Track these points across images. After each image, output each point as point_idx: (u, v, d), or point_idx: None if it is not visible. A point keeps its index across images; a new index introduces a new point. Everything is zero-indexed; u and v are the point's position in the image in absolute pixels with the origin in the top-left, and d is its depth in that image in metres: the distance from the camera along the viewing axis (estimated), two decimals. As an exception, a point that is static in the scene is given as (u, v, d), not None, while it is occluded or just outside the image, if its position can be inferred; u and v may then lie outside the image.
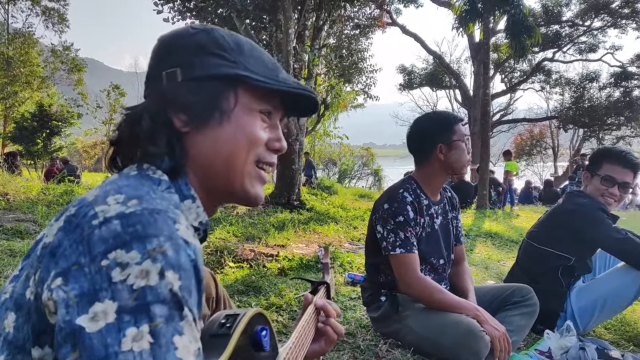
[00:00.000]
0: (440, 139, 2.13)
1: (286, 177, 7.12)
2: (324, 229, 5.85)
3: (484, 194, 9.63)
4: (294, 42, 7.15)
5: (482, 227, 6.69)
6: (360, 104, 16.12)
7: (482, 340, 1.85)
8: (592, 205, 2.45)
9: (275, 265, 3.71)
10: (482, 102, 11.11)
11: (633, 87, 21.23)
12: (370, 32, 12.09)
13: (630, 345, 2.48)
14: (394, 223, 2.07)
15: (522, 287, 2.27)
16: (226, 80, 0.76)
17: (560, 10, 20.85)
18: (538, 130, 29.12)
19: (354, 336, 2.25)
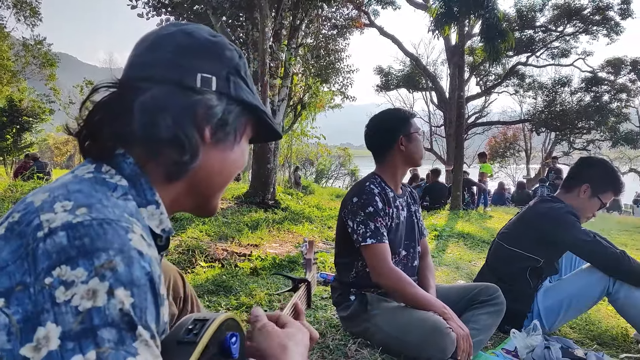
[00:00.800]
0: (401, 131, 2.20)
1: (261, 176, 7.08)
2: (299, 228, 5.84)
3: (457, 194, 9.75)
4: (271, 41, 7.12)
5: (454, 228, 6.77)
6: (338, 104, 16.16)
7: (448, 337, 1.87)
8: (562, 209, 2.49)
9: (247, 265, 3.69)
10: (457, 105, 11.25)
11: (603, 92, 21.76)
12: (347, 32, 12.13)
13: (594, 344, 2.54)
14: (363, 214, 2.09)
15: (489, 286, 2.30)
16: (248, 107, 0.79)
17: (534, 16, 21.23)
18: (511, 133, 29.65)
19: (323, 336, 2.25)
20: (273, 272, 3.34)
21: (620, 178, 2.64)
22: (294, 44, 7.77)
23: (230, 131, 0.77)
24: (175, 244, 4.18)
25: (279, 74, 7.42)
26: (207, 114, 0.73)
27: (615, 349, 2.49)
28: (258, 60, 6.73)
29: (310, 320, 2.46)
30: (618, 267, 2.37)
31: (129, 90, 0.71)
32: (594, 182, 2.52)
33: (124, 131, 0.69)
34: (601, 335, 2.65)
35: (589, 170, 2.57)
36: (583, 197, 2.53)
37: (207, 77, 0.74)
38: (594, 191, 2.52)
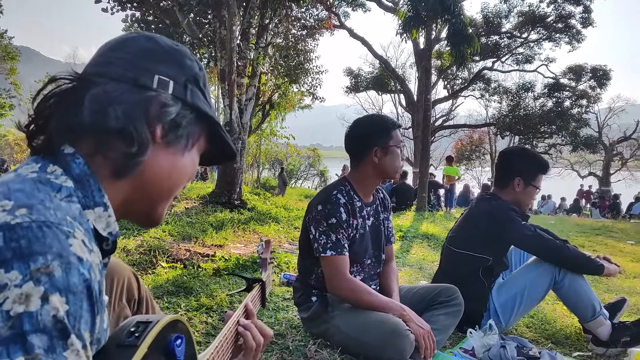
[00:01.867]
0: (377, 142, 2.16)
1: (227, 176, 7.00)
2: (265, 229, 5.81)
3: (423, 196, 9.88)
4: (238, 39, 7.06)
5: (419, 229, 6.86)
6: (308, 104, 16.17)
7: (407, 339, 1.89)
8: (503, 206, 2.56)
9: (210, 266, 3.64)
10: (423, 108, 11.41)
11: (564, 98, 22.44)
12: (317, 33, 12.14)
13: (548, 343, 2.60)
14: (326, 225, 2.08)
15: (448, 287, 2.34)
16: (203, 117, 0.80)
17: (499, 22, 21.74)
18: (477, 136, 30.27)
19: (283, 337, 2.24)
20: (227, 273, 3.30)
21: (543, 158, 2.74)
22: (262, 43, 7.72)
23: (182, 135, 0.77)
24: (136, 244, 4.09)
25: (247, 73, 7.35)
26: (160, 113, 0.73)
27: (568, 347, 2.56)
28: (225, 58, 6.66)
29: (271, 321, 2.44)
30: (561, 256, 2.45)
31: (83, 84, 0.70)
32: (523, 173, 2.60)
33: (72, 122, 0.68)
34: (555, 334, 2.72)
35: (515, 163, 2.65)
36: (519, 190, 2.61)
37: (165, 79, 0.74)
38: (526, 181, 2.60)
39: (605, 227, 9.87)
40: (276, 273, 3.56)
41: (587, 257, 2.50)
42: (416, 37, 10.79)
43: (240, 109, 7.12)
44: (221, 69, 6.78)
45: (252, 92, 7.48)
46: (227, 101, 6.77)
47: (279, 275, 3.47)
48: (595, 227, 10.00)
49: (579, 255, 2.48)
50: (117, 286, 1.13)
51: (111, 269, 1.12)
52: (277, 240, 5.28)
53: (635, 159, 30.40)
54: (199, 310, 2.54)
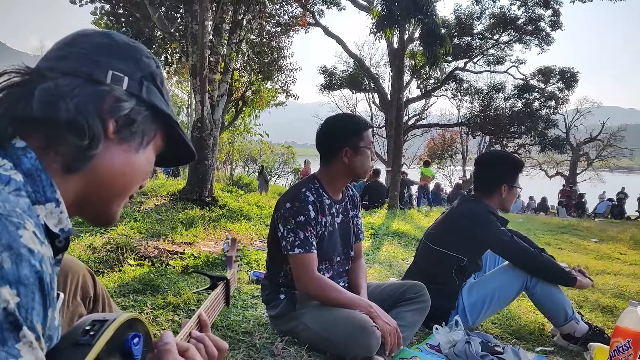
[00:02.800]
0: (347, 143, 2.16)
1: (198, 172, 6.91)
2: (236, 226, 5.76)
3: (395, 194, 9.96)
4: (211, 35, 6.98)
5: (391, 227, 6.92)
6: (282, 102, 16.09)
7: (373, 335, 1.90)
8: (483, 209, 2.63)
9: (179, 263, 3.59)
10: (396, 107, 11.50)
11: (533, 99, 22.96)
12: (291, 30, 12.10)
13: (512, 339, 2.66)
14: (294, 222, 2.07)
15: (415, 284, 2.36)
16: (159, 115, 0.79)
17: (472, 23, 22.07)
18: (449, 136, 30.66)
19: (251, 334, 2.23)
20: (192, 271, 3.27)
21: (518, 158, 2.87)
22: (235, 39, 7.64)
23: (137, 132, 0.76)
24: (103, 241, 4.01)
25: (219, 69, 7.27)
26: (113, 107, 0.72)
27: (532, 342, 2.63)
28: (197, 54, 6.56)
29: (238, 319, 2.42)
30: (534, 265, 2.52)
31: (35, 77, 0.69)
32: (507, 178, 2.68)
33: (21, 115, 0.66)
34: (520, 330, 2.78)
35: (499, 170, 2.72)
36: (504, 195, 2.69)
37: (119, 75, 0.74)
38: (510, 185, 2.68)
39: (570, 226, 10.14)
40: (245, 271, 3.54)
41: (560, 268, 2.56)
42: (389, 36, 10.85)
43: (212, 105, 7.04)
44: (192, 64, 6.69)
45: (224, 89, 7.41)
46: (199, 97, 6.68)
47: (249, 273, 3.45)
48: (561, 225, 10.27)
49: (552, 266, 2.54)
50: (71, 284, 1.10)
51: (65, 266, 1.09)
52: (248, 238, 5.25)
53: (601, 159, 31.32)
54: (166, 309, 2.50)
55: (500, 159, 2.82)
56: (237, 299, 2.80)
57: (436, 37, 9.46)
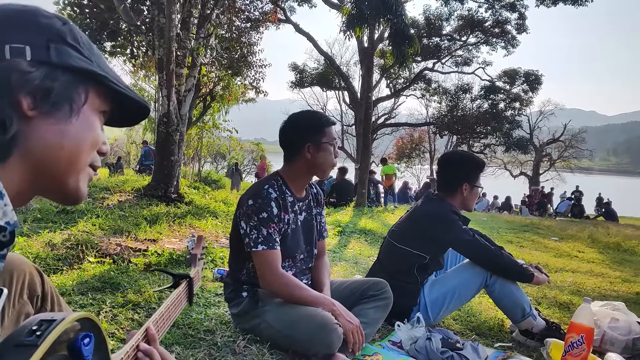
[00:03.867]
0: (309, 139, 2.16)
1: (164, 168, 6.79)
2: (202, 223, 5.69)
3: (362, 192, 10.03)
4: (178, 28, 6.86)
5: (357, 224, 6.96)
6: (252, 98, 15.96)
7: (335, 332, 1.91)
8: (446, 209, 2.68)
9: (142, 261, 3.53)
10: (365, 105, 11.57)
11: (499, 100, 23.50)
12: (261, 26, 12.00)
13: (473, 335, 2.71)
14: (257, 219, 2.06)
15: (378, 281, 2.38)
16: (81, 74, 0.72)
17: (441, 25, 22.39)
18: (418, 135, 31.03)
19: (212, 333, 2.20)
20: (154, 269, 3.21)
21: (479, 158, 2.90)
22: (203, 33, 7.52)
23: (59, 101, 0.70)
24: (63, 238, 3.90)
25: (187, 64, 7.16)
26: (20, 81, 0.66)
27: (491, 338, 2.68)
28: (164, 47, 6.44)
29: (200, 317, 2.39)
30: (493, 263, 2.58)
31: None
32: (468, 177, 2.74)
33: None
34: (480, 326, 2.84)
35: (460, 170, 2.77)
36: (466, 194, 2.73)
37: (19, 47, 0.67)
38: (471, 184, 2.74)
39: (532, 224, 10.42)
40: (210, 268, 3.50)
41: (518, 265, 2.63)
42: (359, 35, 10.91)
43: (179, 100, 6.93)
44: (159, 58, 6.56)
45: (191, 83, 7.29)
46: (165, 92, 6.56)
47: (213, 270, 3.41)
48: (523, 224, 10.53)
49: (510, 263, 2.60)
50: (17, 282, 1.06)
51: (9, 264, 1.05)
52: (214, 235, 5.19)
53: (562, 160, 32.28)
54: (125, 307, 2.45)
55: (462, 159, 2.87)
56: (200, 297, 2.77)
57: (405, 37, 9.55)
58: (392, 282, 2.42)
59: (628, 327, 2.67)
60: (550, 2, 18.16)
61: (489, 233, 7.56)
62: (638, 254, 7.34)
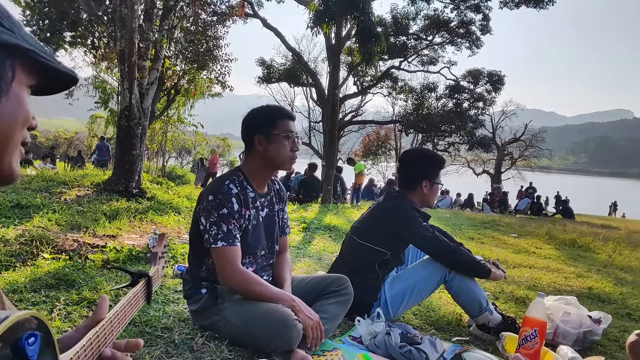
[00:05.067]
0: (259, 130, 2.15)
1: (126, 162, 6.62)
2: (164, 219, 5.59)
3: (329, 189, 10.05)
4: (141, 20, 6.70)
5: (323, 221, 6.97)
6: (218, 93, 15.74)
7: (295, 329, 1.91)
8: (407, 206, 2.72)
9: (99, 257, 3.44)
10: (331, 102, 11.59)
11: (463, 99, 23.93)
12: (228, 20, 11.83)
13: (431, 329, 2.76)
14: (217, 215, 2.03)
15: (339, 277, 2.39)
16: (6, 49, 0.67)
17: (407, 24, 22.59)
18: (384, 133, 31.29)
19: (170, 330, 2.17)
20: (112, 267, 3.13)
21: (439, 155, 2.97)
22: (167, 26, 7.37)
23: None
24: (17, 233, 3.76)
25: (149, 56, 7.00)
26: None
27: (449, 333, 2.74)
28: (126, 39, 6.27)
29: (159, 314, 2.35)
30: (452, 259, 2.63)
31: None
32: (428, 175, 2.78)
33: None
34: (438, 321, 2.89)
35: (420, 167, 2.82)
36: (426, 191, 2.77)
37: None
38: (431, 181, 2.78)
39: (493, 221, 10.68)
40: (170, 265, 3.45)
41: (476, 261, 2.69)
42: (327, 32, 10.91)
43: (142, 93, 6.77)
44: (121, 49, 6.38)
45: (154, 76, 7.13)
46: (127, 84, 6.40)
47: (173, 267, 3.36)
48: (484, 221, 10.79)
49: (468, 260, 2.66)
50: None
51: None
52: (177, 231, 5.11)
53: (523, 159, 33.17)
54: (80, 304, 2.38)
55: (422, 156, 2.92)
56: (159, 293, 2.72)
57: (371, 35, 9.61)
58: (353, 277, 2.44)
59: (579, 320, 2.77)
60: (513, 4, 18.58)
61: (451, 230, 7.73)
62: (592, 251, 7.63)
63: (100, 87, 12.56)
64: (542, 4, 17.91)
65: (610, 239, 8.69)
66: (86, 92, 12.59)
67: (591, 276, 5.09)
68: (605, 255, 7.21)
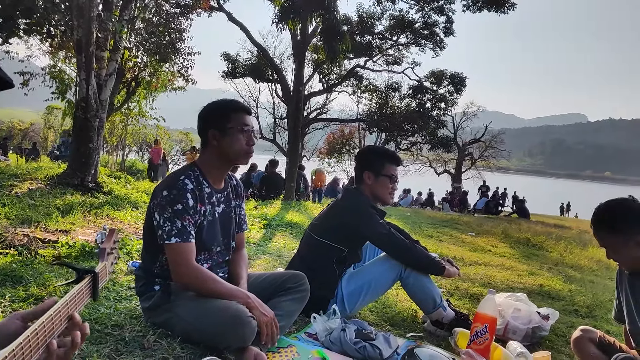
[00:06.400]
0: (213, 124, 2.12)
1: (82, 155, 6.42)
2: (120, 214, 5.45)
3: (291, 185, 10.04)
4: (100, 9, 6.50)
5: (284, 217, 6.96)
6: (181, 86, 15.47)
7: (248, 325, 1.89)
8: (364, 203, 2.74)
9: (51, 252, 3.33)
10: (296, 99, 11.57)
11: (426, 100, 24.29)
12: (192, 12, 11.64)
13: (387, 325, 2.80)
14: (171, 211, 1.99)
15: (295, 274, 2.39)
16: None
17: (373, 23, 22.76)
18: (348, 131, 31.48)
19: (121, 328, 2.11)
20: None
21: (388, 150, 3.00)
22: (127, 16, 7.18)
23: None
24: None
25: (108, 46, 6.80)
26: None
27: (404, 329, 2.78)
28: (83, 28, 6.08)
29: (109, 312, 2.29)
30: (408, 256, 2.67)
31: None
32: (370, 166, 2.80)
33: None
34: (394, 317, 2.93)
35: (362, 159, 2.89)
36: (371, 183, 2.78)
37: None
38: (375, 172, 2.78)
39: (452, 220, 10.90)
40: (125, 261, 3.37)
41: (431, 258, 2.74)
42: (292, 28, 10.87)
43: (99, 85, 6.57)
44: (78, 39, 6.18)
45: (113, 67, 6.93)
46: (84, 75, 6.21)
47: (128, 263, 3.28)
48: (444, 219, 11.00)
49: (423, 257, 2.71)
50: None
51: None
52: (134, 227, 4.99)
53: (483, 159, 34.00)
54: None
55: (366, 150, 3.01)
56: (111, 290, 2.65)
57: (336, 33, 9.64)
58: (310, 274, 2.44)
59: (529, 316, 2.86)
60: (475, 8, 18.96)
61: (411, 228, 7.84)
62: (545, 249, 7.89)
63: (57, 78, 12.14)
64: (504, 8, 18.35)
65: (562, 238, 9.01)
66: (43, 82, 12.16)
67: (543, 274, 5.27)
68: (557, 253, 7.47)
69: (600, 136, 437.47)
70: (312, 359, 2.14)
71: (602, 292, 4.49)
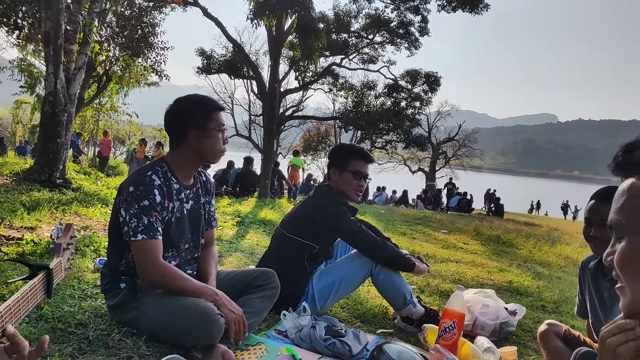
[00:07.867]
0: (195, 124, 2.08)
1: (49, 151, 6.25)
2: (89, 211, 5.34)
3: (266, 183, 10.00)
4: (68, 0, 6.34)
5: (258, 215, 6.92)
6: (155, 82, 15.24)
7: (216, 323, 1.87)
8: (335, 200, 2.74)
9: (14, 250, 3.23)
10: (271, 96, 11.52)
11: (401, 98, 24.47)
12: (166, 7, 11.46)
13: (357, 322, 2.80)
14: (138, 207, 1.96)
15: (266, 271, 2.38)
16: None
17: (349, 21, 22.81)
18: (324, 129, 31.52)
19: (85, 326, 2.06)
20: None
21: (354, 146, 2.99)
22: (97, 8, 7.02)
23: None
24: None
25: (77, 39, 6.64)
26: None
27: (374, 325, 2.79)
28: (51, 20, 5.92)
29: (73, 310, 2.23)
30: (378, 253, 2.68)
31: None
32: (335, 162, 2.82)
33: None
34: (365, 314, 2.94)
35: (329, 156, 2.91)
36: (336, 179, 2.79)
37: None
38: (339, 169, 2.78)
39: (425, 218, 11.02)
40: (92, 259, 3.29)
41: (401, 255, 2.75)
42: (268, 24, 10.80)
43: (68, 78, 6.41)
44: (46, 31, 6.01)
45: (82, 61, 6.76)
46: (52, 68, 6.05)
47: (94, 260, 3.21)
48: (417, 217, 11.11)
49: (394, 254, 2.72)
50: None
51: None
52: (102, 224, 4.89)
53: (456, 158, 34.51)
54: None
55: (335, 146, 3.01)
56: (76, 288, 2.58)
57: (312, 30, 9.62)
58: (281, 271, 2.43)
59: (496, 312, 2.91)
60: (450, 8, 19.17)
61: (384, 225, 7.89)
62: (515, 246, 8.05)
63: (26, 71, 11.81)
64: (477, 9, 18.61)
65: (532, 235, 9.21)
66: (11, 75, 11.81)
67: (512, 270, 5.37)
68: (527, 250, 7.63)
69: (570, 136, 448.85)
70: (281, 356, 2.13)
71: (568, 288, 4.60)
